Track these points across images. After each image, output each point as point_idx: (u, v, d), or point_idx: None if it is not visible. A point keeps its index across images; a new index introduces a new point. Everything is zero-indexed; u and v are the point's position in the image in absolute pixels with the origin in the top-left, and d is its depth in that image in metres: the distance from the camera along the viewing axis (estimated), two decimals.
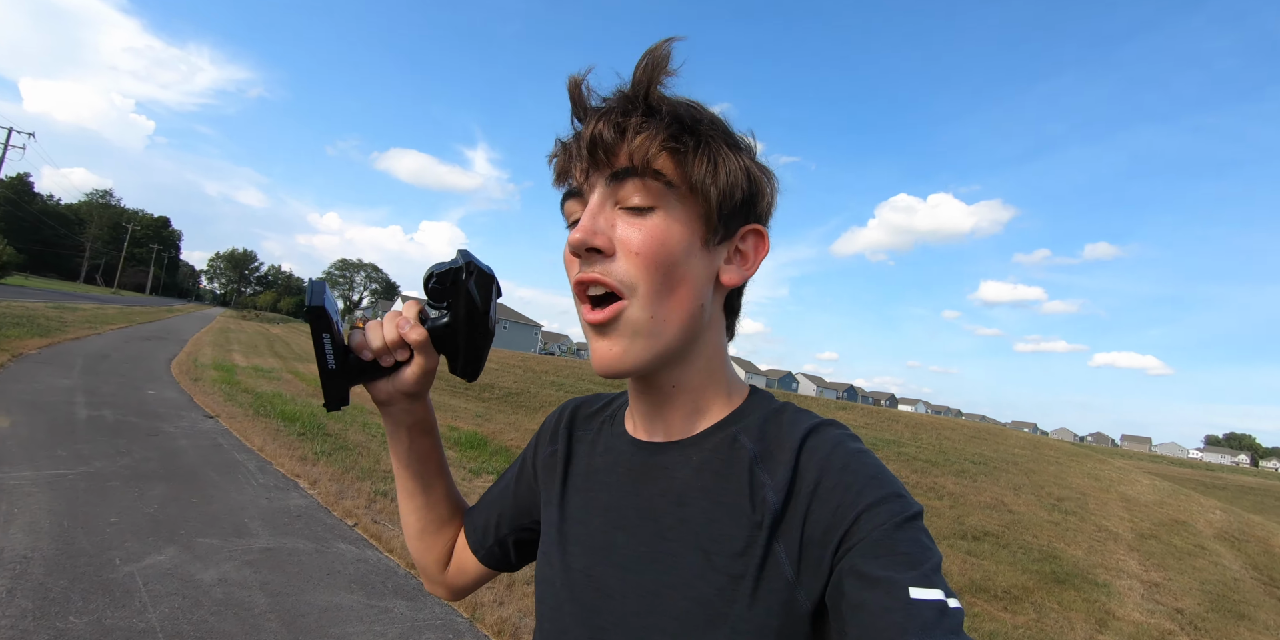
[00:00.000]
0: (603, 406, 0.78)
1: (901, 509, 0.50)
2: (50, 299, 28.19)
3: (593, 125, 0.55)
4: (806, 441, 0.57)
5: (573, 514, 0.68)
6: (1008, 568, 7.76)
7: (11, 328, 12.73)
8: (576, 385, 16.75)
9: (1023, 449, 20.70)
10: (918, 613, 0.44)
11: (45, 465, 4.63)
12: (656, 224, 0.56)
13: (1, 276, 39.61)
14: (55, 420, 6.10)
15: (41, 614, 2.57)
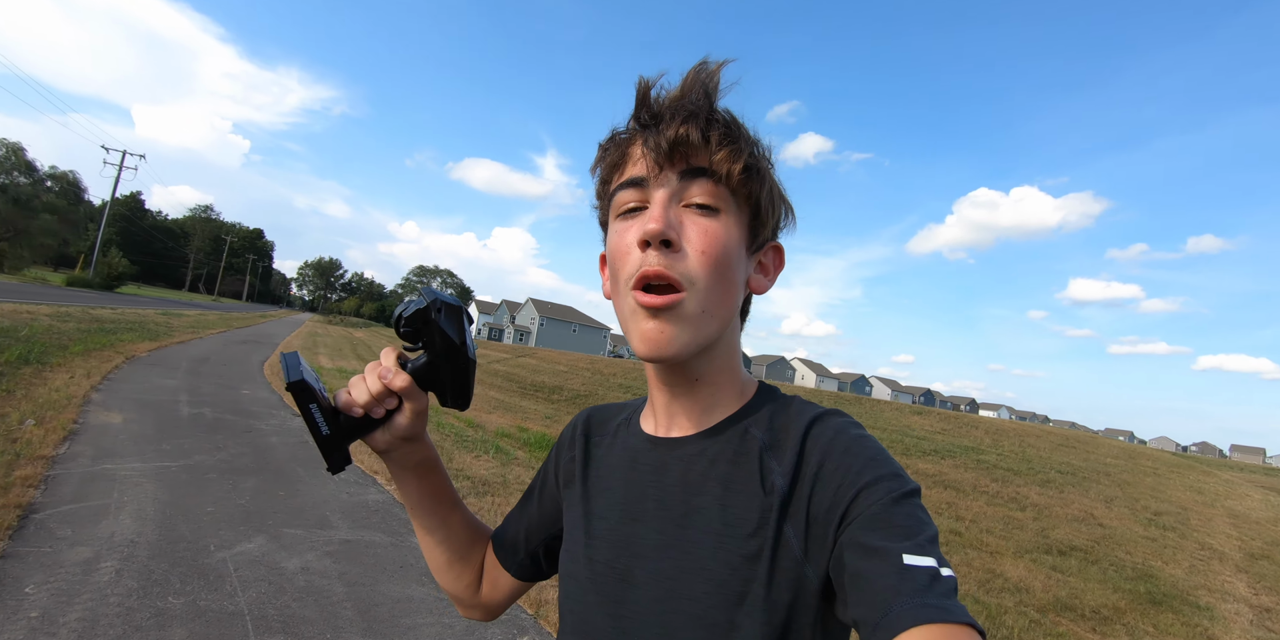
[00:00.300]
0: (617, 412, 0.81)
1: (898, 486, 0.54)
2: (159, 306, 30.54)
3: (677, 127, 0.59)
4: (811, 429, 0.62)
5: (594, 511, 0.71)
6: (1097, 586, 7.30)
7: (126, 332, 13.87)
8: (644, 388, 16.81)
9: (1116, 458, 19.41)
10: (910, 577, 0.47)
11: (152, 458, 5.02)
12: (720, 226, 0.61)
13: (118, 286, 43.25)
14: (161, 417, 6.61)
15: (145, 594, 2.80)
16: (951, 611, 0.45)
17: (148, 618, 2.61)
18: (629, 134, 0.64)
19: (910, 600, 0.45)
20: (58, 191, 42.48)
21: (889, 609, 0.46)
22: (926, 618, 0.44)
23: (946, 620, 0.44)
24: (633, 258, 0.61)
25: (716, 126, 0.60)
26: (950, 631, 0.43)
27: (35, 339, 9.77)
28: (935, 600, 0.45)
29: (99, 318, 15.79)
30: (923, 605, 0.45)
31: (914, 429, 18.86)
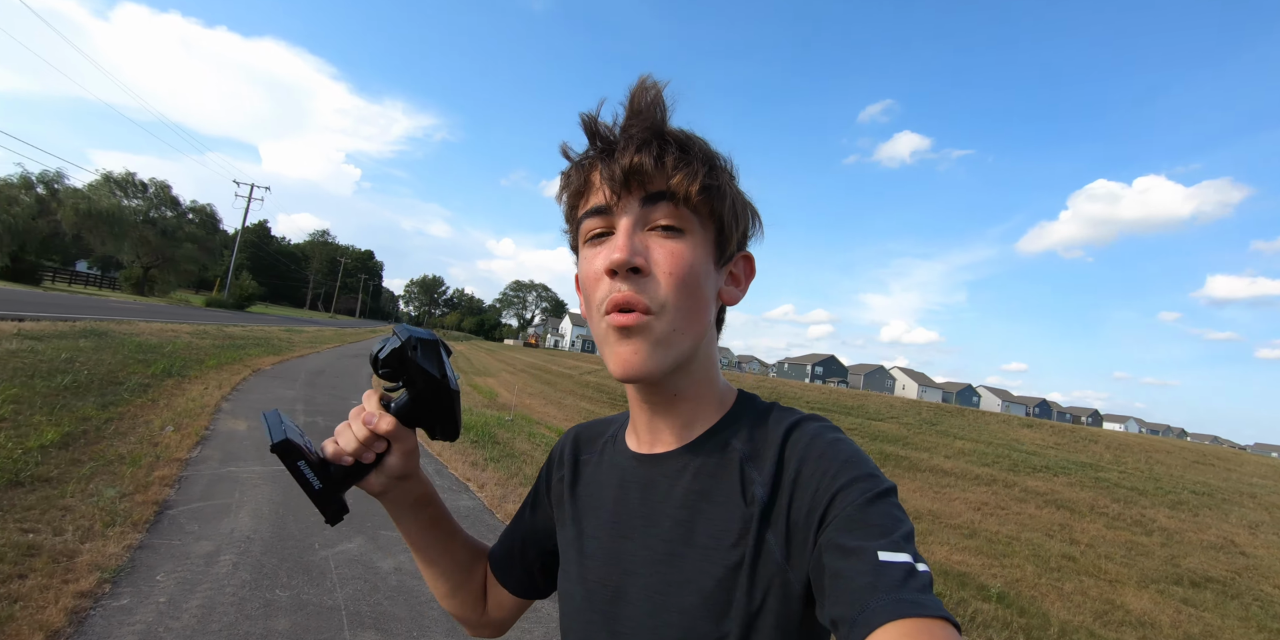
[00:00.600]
0: (604, 428, 0.83)
1: (873, 486, 0.55)
2: (283, 324, 33.25)
3: (631, 156, 0.61)
4: (789, 436, 0.63)
5: (586, 530, 0.73)
6: (1237, 623, 6.57)
7: (253, 348, 15.20)
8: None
9: (1265, 479, 17.35)
10: (886, 573, 0.48)
11: (270, 462, 5.49)
12: (685, 247, 0.63)
13: (248, 306, 47.61)
14: None
15: (256, 586, 3.09)
16: (926, 606, 0.45)
17: (257, 607, 2.88)
18: (588, 161, 0.65)
19: (885, 596, 0.46)
20: (198, 223, 47.21)
21: (865, 605, 0.47)
22: (901, 613, 0.45)
23: (922, 614, 0.45)
24: (603, 285, 0.62)
25: (670, 150, 0.62)
26: (925, 625, 0.44)
27: (177, 355, 10.89)
28: (910, 595, 0.46)
29: (231, 335, 17.37)
30: (898, 600, 0.46)
31: (1022, 443, 17.61)
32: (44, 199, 35.32)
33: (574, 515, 0.76)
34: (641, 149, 0.61)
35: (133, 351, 10.01)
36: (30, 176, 35.18)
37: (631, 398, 0.72)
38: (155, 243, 41.96)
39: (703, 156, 0.64)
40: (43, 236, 34.93)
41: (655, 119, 0.63)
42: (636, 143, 0.61)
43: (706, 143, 0.66)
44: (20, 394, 6.07)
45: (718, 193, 0.64)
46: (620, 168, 0.61)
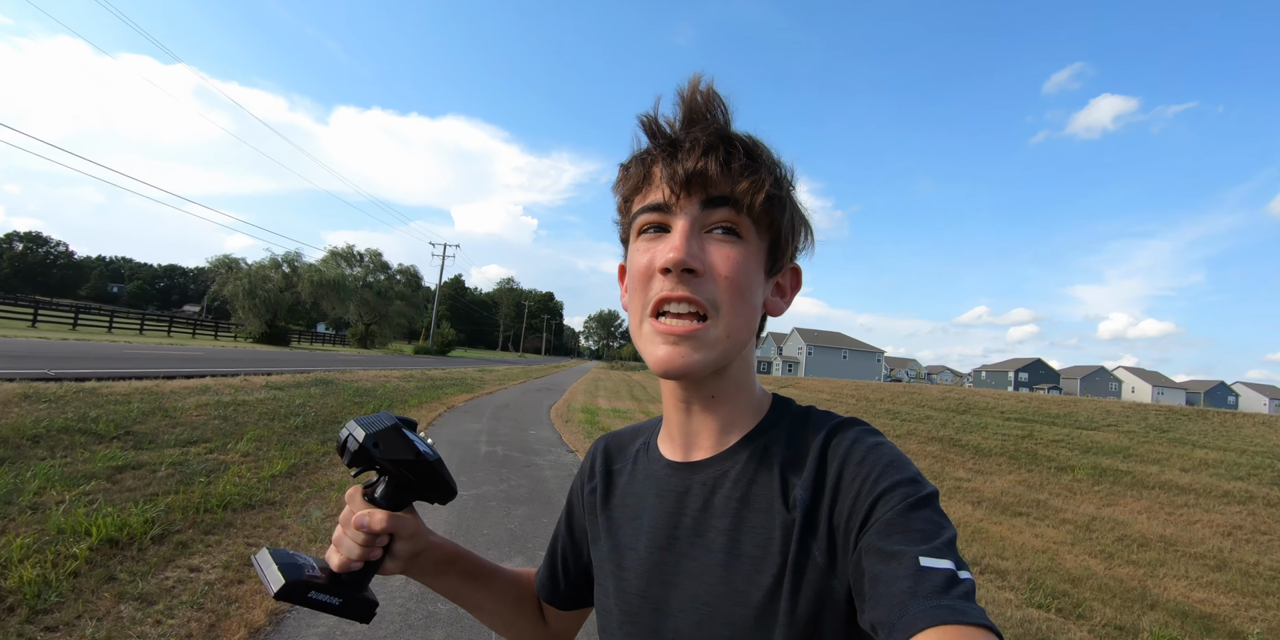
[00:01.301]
0: (632, 437, 0.81)
1: (915, 491, 0.54)
2: (476, 365, 36.59)
3: (696, 159, 0.60)
4: (829, 441, 0.62)
5: (622, 541, 0.71)
6: None
7: (449, 387, 16.89)
8: (914, 412, 15.37)
9: None
10: (927, 579, 0.46)
11: None
12: (741, 252, 0.61)
13: (449, 351, 53.37)
14: (465, 454, 7.88)
15: (421, 599, 3.36)
16: (969, 613, 0.44)
17: (420, 618, 3.13)
18: (650, 157, 0.64)
19: (926, 602, 0.45)
20: (404, 282, 54.33)
21: (905, 610, 0.45)
22: (942, 619, 0.43)
23: (963, 621, 0.43)
24: (654, 282, 0.61)
25: (737, 155, 0.60)
26: (967, 633, 0.42)
27: (387, 396, 12.40)
28: (952, 602, 0.45)
29: (432, 377, 19.44)
30: (939, 606, 0.44)
31: None
32: (288, 275, 42.40)
33: (608, 528, 0.74)
34: (708, 152, 0.60)
35: (351, 396, 11.57)
36: (277, 258, 42.62)
37: (667, 400, 0.71)
38: (373, 303, 48.76)
39: (769, 165, 0.63)
40: (289, 305, 41.85)
41: (720, 121, 0.62)
42: (703, 145, 0.60)
43: (771, 150, 0.65)
44: (262, 433, 7.25)
45: (779, 204, 0.63)
46: (684, 169, 0.60)
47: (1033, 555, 6.09)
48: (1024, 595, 4.83)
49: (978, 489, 8.93)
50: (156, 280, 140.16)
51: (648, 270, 0.62)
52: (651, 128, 0.63)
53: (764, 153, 0.63)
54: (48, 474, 4.75)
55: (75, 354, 13.11)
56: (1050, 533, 7.08)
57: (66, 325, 26.62)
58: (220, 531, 4.12)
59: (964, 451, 11.38)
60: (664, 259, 0.59)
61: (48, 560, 3.29)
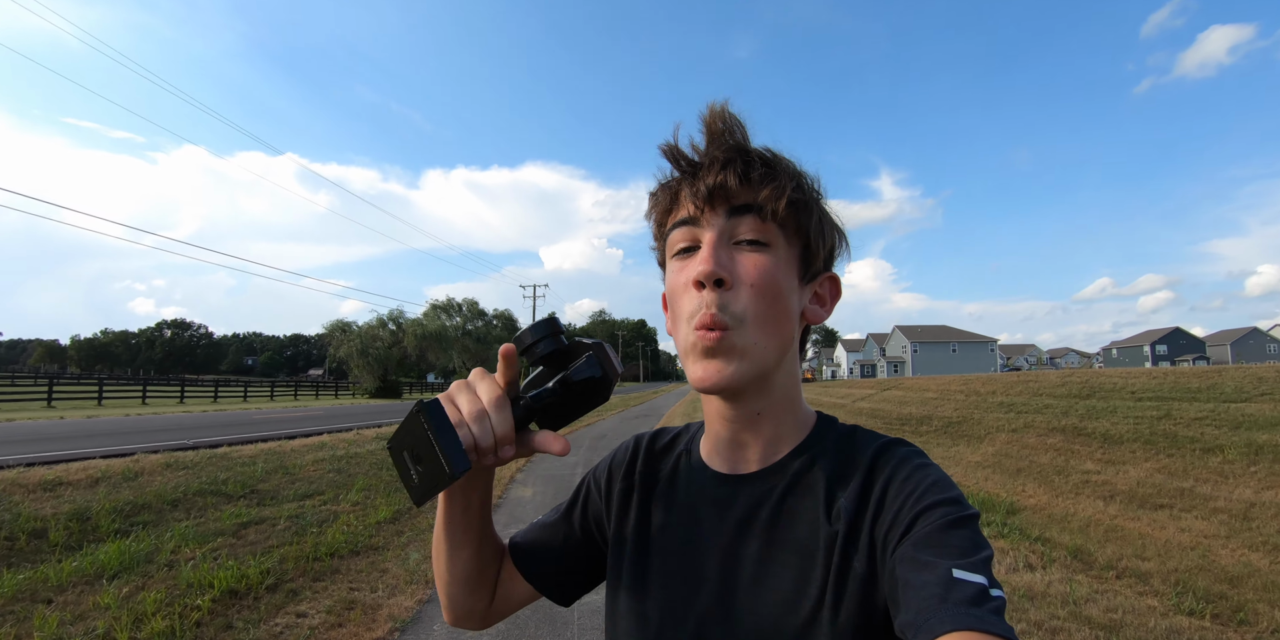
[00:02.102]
0: (673, 440, 0.80)
1: (956, 511, 0.55)
2: None
3: (716, 174, 0.62)
4: (877, 459, 0.63)
5: (663, 547, 0.71)
6: None
7: None
8: (1030, 403, 14.22)
9: None
10: (958, 589, 0.47)
11: None
12: (769, 260, 0.63)
13: None
14: (559, 488, 8.00)
15: (507, 635, 3.41)
16: (995, 625, 0.44)
17: (504, 623, 3.17)
18: (674, 182, 0.67)
19: (955, 608, 0.45)
20: (500, 327, 56.52)
21: (932, 613, 0.46)
22: (968, 625, 0.44)
23: (989, 631, 0.43)
24: (689, 297, 0.63)
25: (755, 166, 0.62)
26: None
27: None
28: (981, 613, 0.45)
29: None
30: (967, 614, 0.45)
31: None
32: (394, 332, 45.14)
33: (641, 531, 0.74)
34: (726, 167, 0.62)
35: None
36: (383, 317, 45.53)
37: (711, 415, 0.71)
38: (473, 349, 50.98)
39: (790, 172, 0.64)
40: (398, 359, 44.48)
41: (737, 138, 0.64)
42: (721, 161, 0.62)
43: (793, 161, 0.66)
44: (370, 483, 7.68)
45: (804, 208, 0.64)
46: (706, 185, 0.62)
47: (1180, 553, 5.45)
48: (1170, 601, 4.32)
49: (1109, 481, 8.12)
50: (284, 349, 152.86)
51: (685, 286, 0.63)
52: (672, 154, 0.66)
53: (782, 162, 0.65)
54: (183, 534, 5.23)
55: (213, 423, 14.43)
56: (1199, 525, 6.32)
57: (208, 398, 29.43)
58: (327, 578, 4.37)
59: (1090, 440, 10.38)
60: (697, 272, 0.61)
61: (176, 612, 3.60)
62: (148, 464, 7.66)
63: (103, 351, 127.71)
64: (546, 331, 0.62)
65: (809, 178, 0.67)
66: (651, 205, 0.70)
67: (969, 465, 10.16)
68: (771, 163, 0.63)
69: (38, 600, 3.83)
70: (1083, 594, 4.26)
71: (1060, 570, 4.90)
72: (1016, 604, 3.97)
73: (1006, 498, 7.70)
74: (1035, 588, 4.33)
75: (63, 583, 4.08)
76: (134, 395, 26.79)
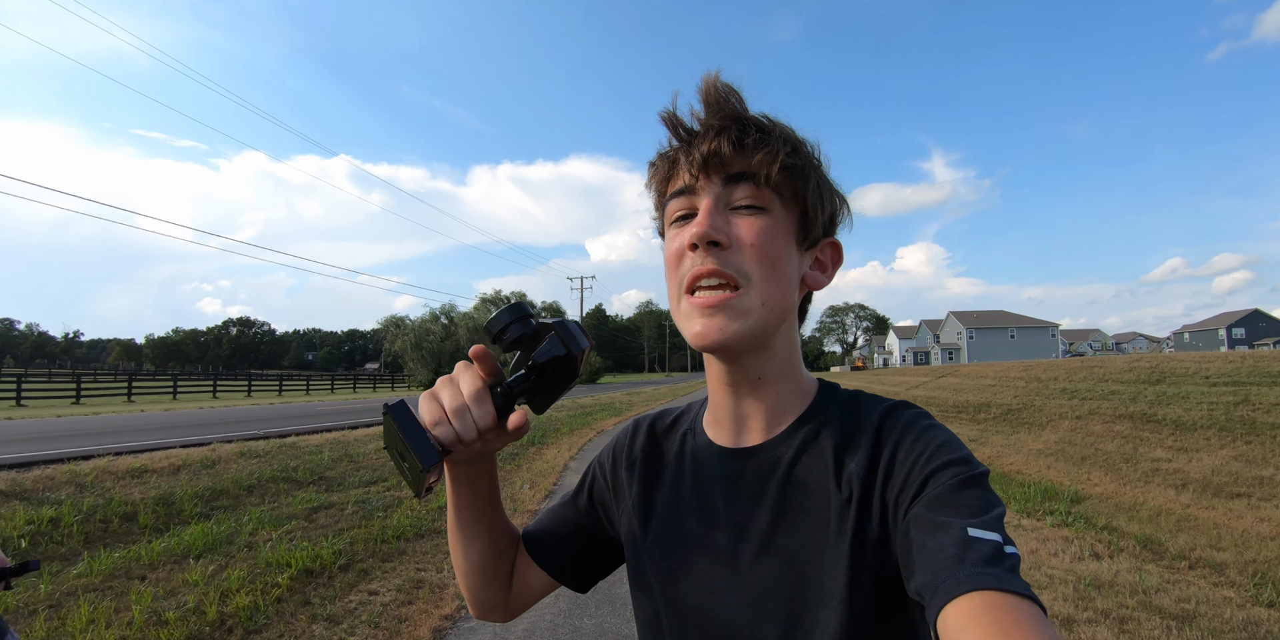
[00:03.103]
0: (675, 420, 0.81)
1: (967, 470, 0.55)
2: (624, 389, 37.55)
3: (710, 142, 0.62)
4: (883, 423, 0.63)
5: (673, 525, 0.71)
6: None
7: (599, 412, 17.48)
8: (1096, 389, 13.66)
9: None
10: (974, 548, 0.47)
11: None
12: (766, 222, 0.63)
13: (597, 379, 55.34)
14: None
15: (569, 614, 3.52)
16: (1013, 582, 0.44)
17: (566, 633, 3.28)
18: (672, 151, 0.68)
19: (972, 568, 0.45)
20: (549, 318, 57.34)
21: (950, 574, 0.46)
22: (987, 584, 0.44)
23: (1008, 589, 0.43)
24: (685, 260, 0.64)
25: (750, 132, 0.63)
26: (1011, 600, 0.43)
27: (539, 427, 13.07)
28: (998, 571, 0.45)
29: (582, 405, 20.24)
30: (984, 573, 0.45)
31: None
32: (446, 326, 46.25)
33: (647, 511, 0.74)
34: (721, 133, 0.62)
35: None
36: (435, 312, 46.67)
37: (713, 384, 0.71)
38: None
39: (784, 138, 0.64)
40: (450, 353, 45.54)
41: (732, 105, 0.64)
42: (716, 129, 0.63)
43: (790, 127, 0.66)
44: None
45: (800, 173, 0.64)
46: (700, 153, 0.63)
47: (1258, 543, 5.21)
48: (1248, 592, 4.15)
49: (1181, 470, 7.78)
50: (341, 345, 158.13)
51: (679, 251, 0.64)
52: (671, 122, 0.66)
53: (778, 128, 0.64)
54: (259, 517, 5.53)
55: (280, 415, 15.08)
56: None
57: (274, 392, 30.75)
58: (395, 559, 4.57)
59: (1160, 427, 9.94)
60: (691, 235, 0.62)
61: (258, 589, 3.83)
62: (223, 453, 8.08)
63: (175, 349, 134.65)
64: (514, 316, 0.63)
65: (808, 144, 0.66)
66: (651, 175, 0.70)
67: (1030, 453, 9.86)
68: (767, 129, 0.63)
69: (132, 577, 4.12)
70: (1153, 584, 4.13)
71: (1129, 560, 4.75)
72: (1082, 593, 3.88)
73: (1071, 486, 7.47)
74: (1102, 577, 4.22)
75: (154, 561, 4.38)
76: (205, 390, 28.20)
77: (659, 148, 0.69)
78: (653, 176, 0.70)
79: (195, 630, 3.32)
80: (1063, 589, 3.94)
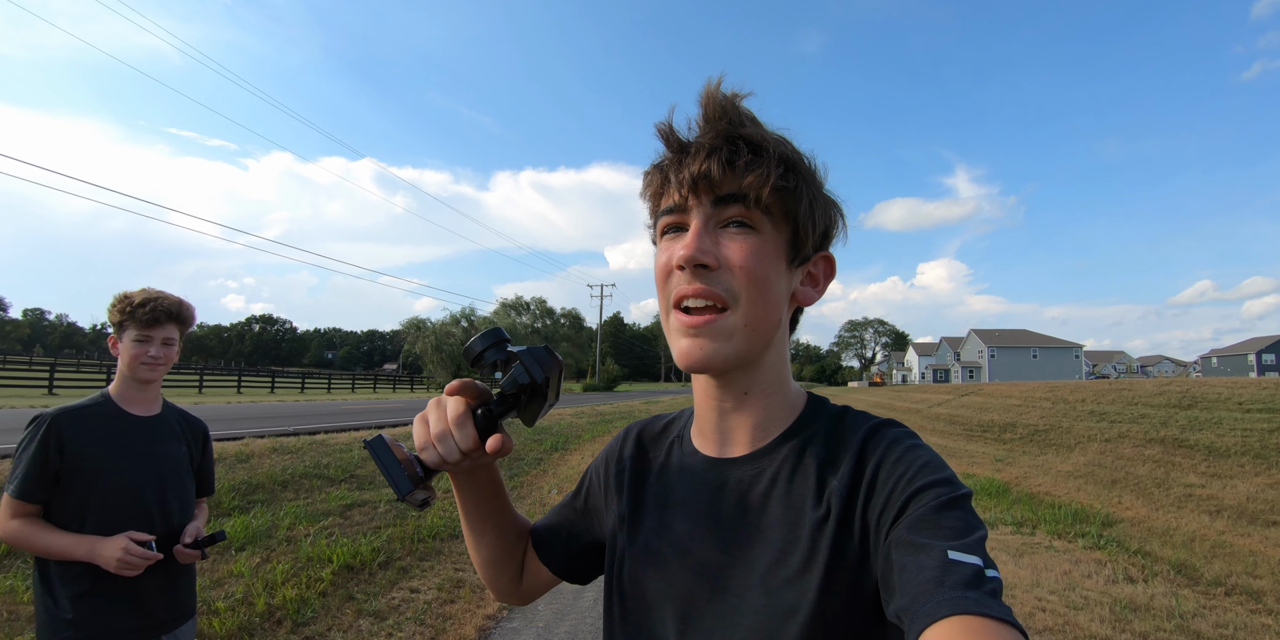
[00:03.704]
0: (665, 427, 0.82)
1: (949, 491, 0.55)
2: (642, 397, 37.59)
3: (700, 163, 0.62)
4: (868, 441, 0.64)
5: (653, 530, 0.72)
6: None
7: (618, 421, 17.57)
8: (1125, 412, 13.47)
9: None
10: (955, 571, 0.47)
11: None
12: (755, 243, 0.63)
13: (614, 387, 55.49)
14: None
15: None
16: (993, 607, 0.44)
17: None
18: (665, 163, 0.67)
19: (952, 591, 0.46)
20: (569, 325, 57.53)
21: (929, 598, 0.46)
22: (966, 609, 0.44)
23: (987, 614, 0.44)
24: (673, 279, 0.64)
25: (742, 153, 0.62)
26: (990, 626, 0.43)
27: (561, 433, 13.18)
28: (978, 595, 0.45)
29: (601, 412, 20.30)
30: (963, 597, 0.45)
31: None
32: (466, 329, 46.59)
33: (634, 516, 0.75)
34: (711, 155, 0.62)
35: (530, 434, 12.43)
36: (455, 315, 47.09)
37: (700, 397, 0.72)
38: None
39: (778, 158, 0.63)
40: None
41: (729, 123, 0.64)
42: (707, 149, 0.62)
43: (787, 143, 0.66)
44: None
45: (792, 194, 0.64)
46: (690, 173, 0.62)
47: None
48: None
49: (1215, 496, 7.68)
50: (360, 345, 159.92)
51: (666, 267, 0.65)
52: (666, 135, 0.66)
53: (772, 146, 0.63)
54: (296, 512, 5.64)
55: (306, 412, 15.31)
56: None
57: (296, 389, 31.20)
58: (432, 558, 4.66)
59: (1193, 452, 9.80)
60: (677, 257, 0.62)
61: (303, 582, 3.93)
62: (256, 448, 8.24)
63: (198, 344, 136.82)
64: (488, 342, 0.68)
65: (805, 159, 0.66)
66: (645, 185, 0.70)
67: (1059, 475, 9.76)
68: (759, 148, 0.62)
69: None
70: (1189, 609, 4.11)
71: (1163, 584, 4.72)
72: (1119, 615, 3.87)
73: (1102, 509, 7.40)
74: (1138, 600, 4.20)
75: None
76: (230, 385, 28.67)
77: (654, 157, 0.69)
78: (646, 186, 0.70)
79: (245, 620, 3.42)
80: (1099, 610, 3.93)
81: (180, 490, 1.75)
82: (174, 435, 1.78)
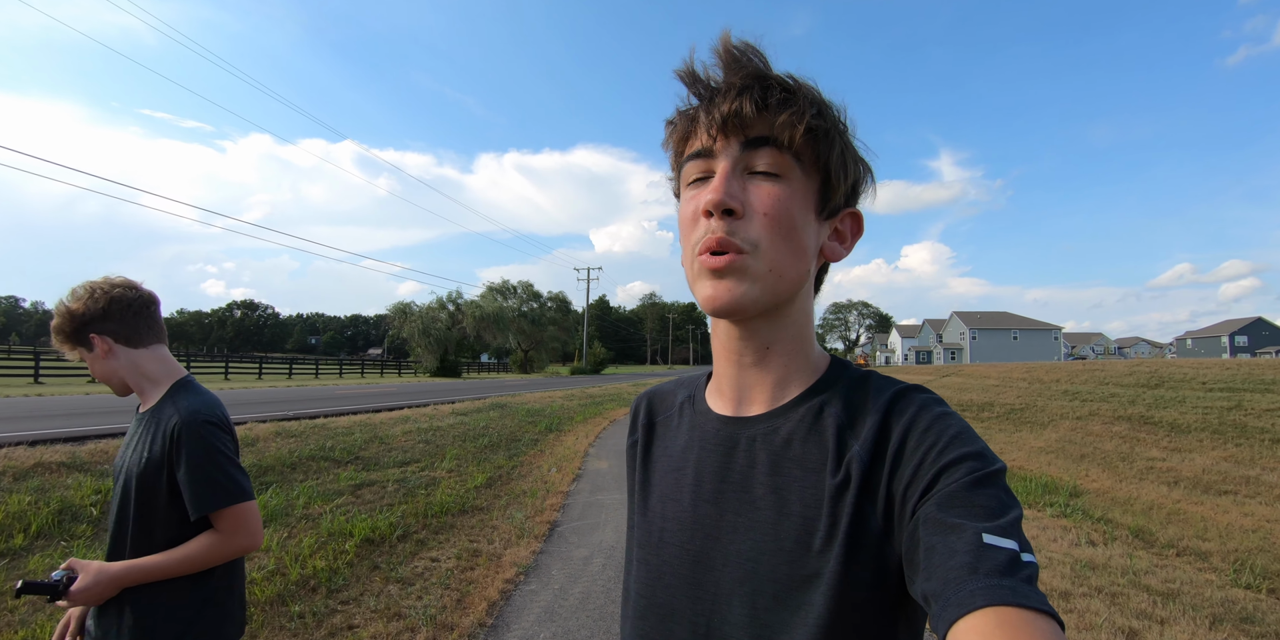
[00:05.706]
0: (674, 389, 0.81)
1: (982, 466, 0.52)
2: (630, 380, 38.02)
3: (731, 102, 0.59)
4: (893, 406, 0.60)
5: (665, 493, 0.70)
6: None
7: (609, 403, 17.89)
8: (1097, 391, 14.06)
9: None
10: (989, 557, 0.44)
11: (625, 490, 6.64)
12: (783, 190, 0.61)
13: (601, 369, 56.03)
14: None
15: (618, 580, 3.91)
16: (1030, 596, 0.42)
17: (619, 595, 3.67)
18: (692, 109, 0.64)
19: (986, 579, 0.43)
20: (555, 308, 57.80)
21: (963, 585, 0.43)
22: (1003, 599, 0.41)
23: (1024, 604, 0.41)
24: (699, 226, 0.62)
25: (774, 93, 0.59)
26: (1026, 617, 0.41)
27: (554, 415, 13.48)
28: (1014, 583, 0.43)
29: (591, 395, 20.63)
30: (999, 586, 0.42)
31: None
32: (453, 313, 46.67)
33: (647, 478, 0.74)
34: (743, 93, 0.59)
35: (524, 416, 12.74)
36: (442, 299, 47.16)
37: (719, 351, 0.70)
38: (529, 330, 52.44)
39: (810, 99, 0.61)
40: (457, 340, 46.07)
41: (754, 63, 0.61)
42: (738, 88, 0.60)
43: (816, 88, 0.63)
44: (460, 452, 8.34)
45: (824, 137, 0.61)
46: (720, 113, 0.60)
47: (1240, 535, 5.62)
48: (1228, 577, 4.56)
49: (1174, 468, 8.19)
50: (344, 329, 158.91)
51: (694, 215, 0.62)
52: (690, 77, 0.63)
53: (804, 89, 0.61)
54: (308, 492, 5.92)
55: (298, 397, 15.47)
56: (1263, 511, 6.42)
57: (283, 374, 31.18)
58: (446, 531, 4.97)
59: (1157, 429, 10.36)
60: (705, 201, 0.60)
61: (329, 553, 4.22)
62: (260, 432, 8.46)
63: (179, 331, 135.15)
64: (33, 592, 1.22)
65: (834, 107, 0.63)
66: (669, 134, 0.67)
67: (1032, 450, 10.27)
68: (791, 89, 0.60)
69: None
70: (1143, 567, 4.53)
71: (1122, 547, 5.15)
72: (1078, 572, 4.28)
73: (1070, 481, 7.87)
74: (1097, 560, 4.61)
75: None
76: (217, 371, 28.59)
77: (678, 104, 0.66)
78: (670, 135, 0.68)
79: (282, 588, 3.71)
80: (1060, 569, 4.33)
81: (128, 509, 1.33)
82: (146, 436, 1.36)
